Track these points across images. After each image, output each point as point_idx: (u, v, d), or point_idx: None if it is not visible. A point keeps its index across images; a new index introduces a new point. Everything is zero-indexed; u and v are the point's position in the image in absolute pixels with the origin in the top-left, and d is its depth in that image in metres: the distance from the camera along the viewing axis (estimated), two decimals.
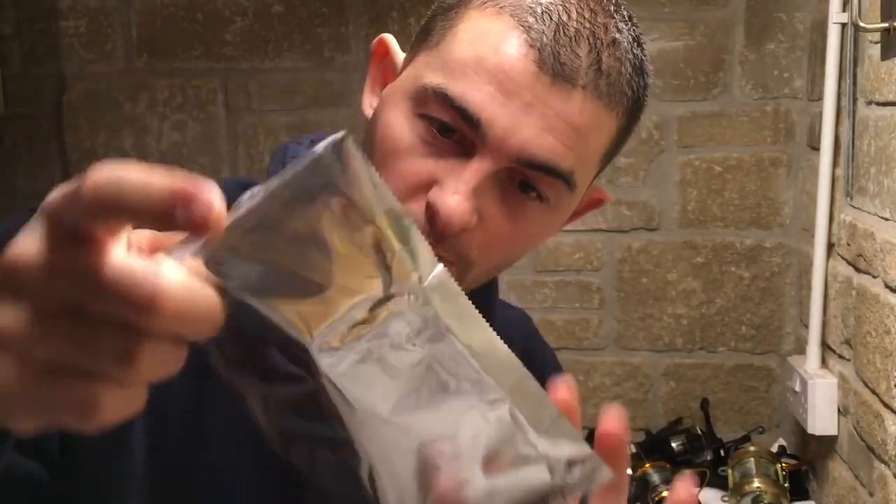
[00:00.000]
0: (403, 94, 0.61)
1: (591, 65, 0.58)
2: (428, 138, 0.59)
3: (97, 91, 2.31)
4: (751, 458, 1.85)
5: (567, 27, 0.58)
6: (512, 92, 0.57)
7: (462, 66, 0.58)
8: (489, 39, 0.58)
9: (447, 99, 0.58)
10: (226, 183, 0.68)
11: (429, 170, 0.59)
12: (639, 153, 2.18)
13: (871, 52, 1.56)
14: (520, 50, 0.57)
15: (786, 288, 2.18)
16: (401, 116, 0.60)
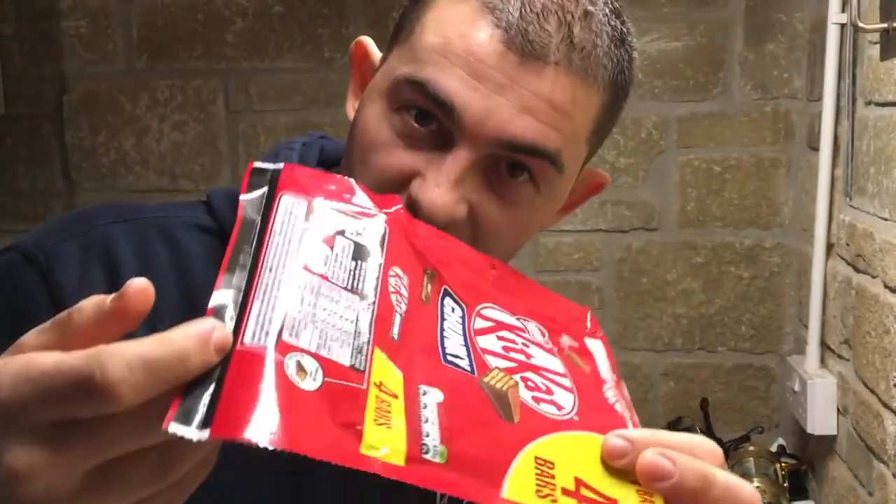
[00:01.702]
0: (379, 92, 0.60)
1: (562, 39, 0.56)
2: (406, 131, 0.58)
3: (98, 91, 2.32)
4: (750, 458, 1.86)
5: (533, 3, 0.56)
6: (482, 75, 0.56)
7: (430, 52, 0.57)
8: (455, 24, 0.57)
9: (418, 86, 0.57)
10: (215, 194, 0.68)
11: (409, 163, 0.58)
12: (638, 153, 2.18)
13: (870, 53, 1.57)
14: (486, 31, 0.56)
15: (785, 288, 2.18)
16: (378, 113, 0.60)
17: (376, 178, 0.58)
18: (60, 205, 2.36)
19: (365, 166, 0.59)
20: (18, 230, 2.36)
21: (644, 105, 2.17)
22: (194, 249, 0.64)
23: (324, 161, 0.70)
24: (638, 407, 2.23)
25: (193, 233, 0.65)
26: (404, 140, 0.59)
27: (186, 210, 0.67)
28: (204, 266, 0.63)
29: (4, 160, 2.37)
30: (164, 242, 0.63)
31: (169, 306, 0.60)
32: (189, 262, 0.63)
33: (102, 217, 0.64)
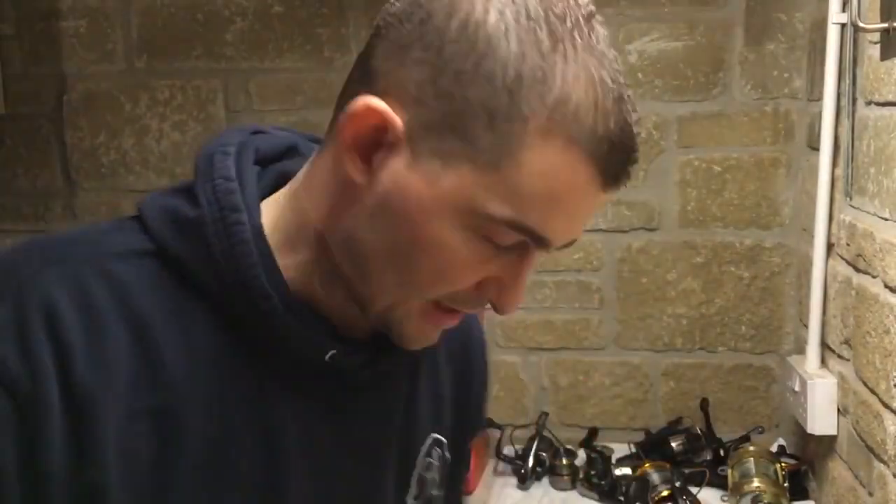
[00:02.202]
0: (451, 208, 0.58)
1: (631, 164, 0.62)
2: (488, 256, 0.62)
3: (97, 91, 2.32)
4: (750, 458, 1.86)
5: (622, 144, 0.60)
6: (577, 211, 0.61)
7: (535, 198, 0.58)
8: (563, 174, 0.58)
9: (520, 229, 0.59)
10: (148, 209, 0.65)
11: (487, 273, 0.63)
12: (638, 153, 2.18)
13: (870, 53, 1.56)
14: (589, 179, 0.59)
15: (785, 288, 2.18)
16: (454, 231, 0.59)
17: (448, 286, 0.62)
18: (60, 205, 2.36)
19: (440, 279, 0.62)
20: (18, 230, 2.36)
21: (644, 105, 2.17)
22: (132, 279, 0.61)
23: (260, 161, 0.69)
24: (638, 407, 2.24)
25: (131, 263, 0.62)
26: (482, 255, 0.62)
27: (117, 235, 0.65)
28: (148, 293, 0.61)
29: (4, 160, 2.37)
30: (100, 280, 0.60)
31: (119, 345, 0.59)
32: (130, 296, 0.61)
33: (27, 264, 0.60)
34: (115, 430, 0.58)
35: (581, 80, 0.57)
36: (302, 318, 0.64)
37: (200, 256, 0.62)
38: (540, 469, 2.05)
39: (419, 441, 0.78)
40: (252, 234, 0.62)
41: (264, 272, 0.62)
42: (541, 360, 2.28)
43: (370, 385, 0.71)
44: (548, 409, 2.25)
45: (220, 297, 0.63)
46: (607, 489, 1.94)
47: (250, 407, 0.64)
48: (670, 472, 1.89)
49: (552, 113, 0.56)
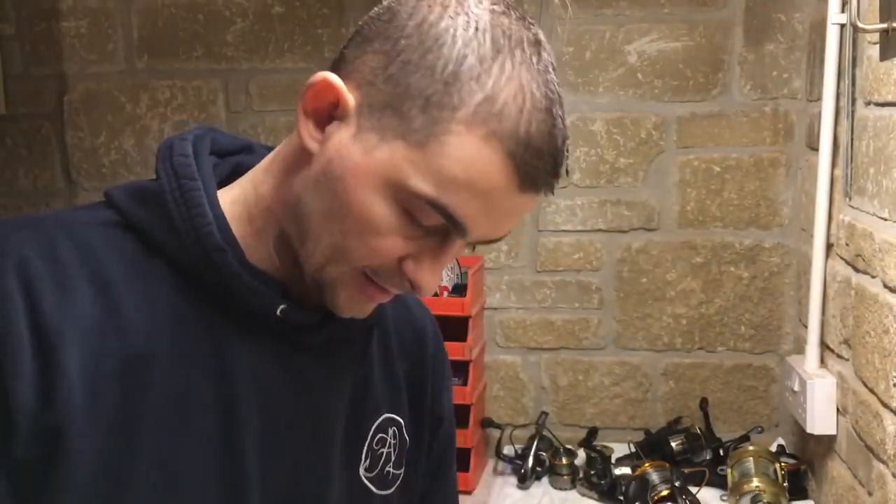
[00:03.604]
0: (381, 180, 0.65)
1: (552, 173, 0.66)
2: (409, 228, 0.66)
3: (98, 91, 2.32)
4: (750, 458, 1.86)
5: (542, 150, 0.64)
6: (494, 206, 0.65)
7: (453, 182, 0.63)
8: (480, 164, 0.63)
9: (439, 208, 0.64)
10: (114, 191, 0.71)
11: (405, 249, 0.67)
12: (638, 153, 2.19)
13: (869, 53, 1.57)
14: (505, 176, 0.63)
15: (785, 288, 2.18)
16: (379, 200, 0.65)
17: (374, 255, 0.67)
18: (61, 205, 2.36)
19: (362, 243, 0.66)
20: None
21: (644, 105, 2.17)
22: (101, 244, 0.67)
23: (216, 152, 0.76)
24: (637, 406, 2.25)
25: (98, 228, 0.68)
26: (404, 231, 0.66)
27: (86, 211, 0.71)
28: (112, 257, 0.67)
29: (5, 160, 2.37)
30: (70, 243, 0.66)
31: (85, 296, 0.64)
32: (98, 255, 0.66)
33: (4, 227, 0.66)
34: (81, 371, 0.62)
35: (512, 87, 0.63)
36: (254, 273, 0.70)
37: (160, 221, 0.69)
38: (540, 469, 2.05)
39: (371, 415, 0.81)
40: (206, 198, 0.69)
41: (218, 230, 0.68)
42: (541, 360, 2.29)
43: (323, 351, 0.76)
44: (548, 409, 2.25)
45: (179, 256, 0.69)
46: (607, 489, 1.94)
47: (209, 362, 0.69)
48: (670, 471, 1.90)
49: (479, 107, 0.62)
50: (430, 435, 0.89)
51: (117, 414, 0.63)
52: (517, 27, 0.65)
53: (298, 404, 0.74)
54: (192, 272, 0.69)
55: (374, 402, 0.82)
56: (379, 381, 0.82)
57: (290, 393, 0.73)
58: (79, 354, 0.62)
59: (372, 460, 0.81)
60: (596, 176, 2.21)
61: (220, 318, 0.70)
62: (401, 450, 0.84)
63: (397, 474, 0.84)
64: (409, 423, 0.86)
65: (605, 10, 2.15)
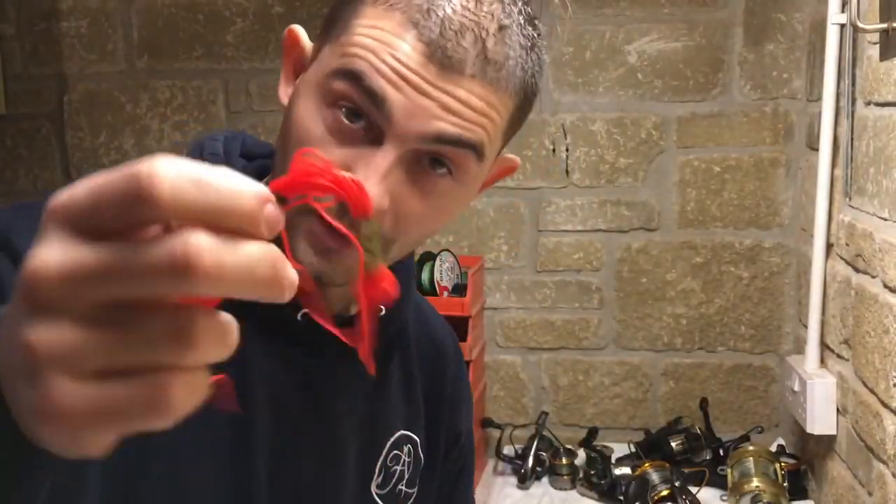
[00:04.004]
0: (311, 86, 0.65)
1: (477, 55, 0.62)
2: (337, 127, 0.63)
3: (98, 92, 2.32)
4: (750, 458, 1.86)
5: (451, 21, 0.61)
6: (407, 77, 0.61)
7: (360, 48, 0.62)
8: (383, 33, 0.62)
9: (351, 76, 0.62)
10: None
11: (339, 158, 0.62)
12: (638, 153, 2.19)
13: (869, 53, 1.57)
14: (410, 43, 0.61)
15: (785, 288, 2.18)
16: (310, 107, 0.64)
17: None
18: None
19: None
20: None
21: (644, 105, 2.17)
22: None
23: (245, 154, 0.76)
24: (637, 407, 2.24)
25: None
26: (335, 136, 0.63)
27: None
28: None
29: (4, 160, 2.37)
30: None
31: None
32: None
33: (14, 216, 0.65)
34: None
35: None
36: None
37: None
38: (540, 469, 2.05)
39: (387, 431, 0.80)
40: None
41: None
42: (541, 359, 2.29)
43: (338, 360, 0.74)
44: (548, 409, 2.25)
45: None
46: (607, 489, 1.94)
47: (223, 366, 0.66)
48: (670, 471, 1.90)
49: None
50: (446, 450, 0.88)
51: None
52: None
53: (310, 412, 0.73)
54: None
55: (390, 419, 0.80)
56: (397, 398, 0.81)
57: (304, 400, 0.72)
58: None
59: (385, 477, 0.79)
60: (596, 176, 2.21)
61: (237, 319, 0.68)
62: (415, 469, 0.83)
63: (409, 493, 0.83)
64: (425, 441, 0.84)
65: (605, 10, 2.15)
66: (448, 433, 0.88)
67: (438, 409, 0.86)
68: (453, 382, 0.88)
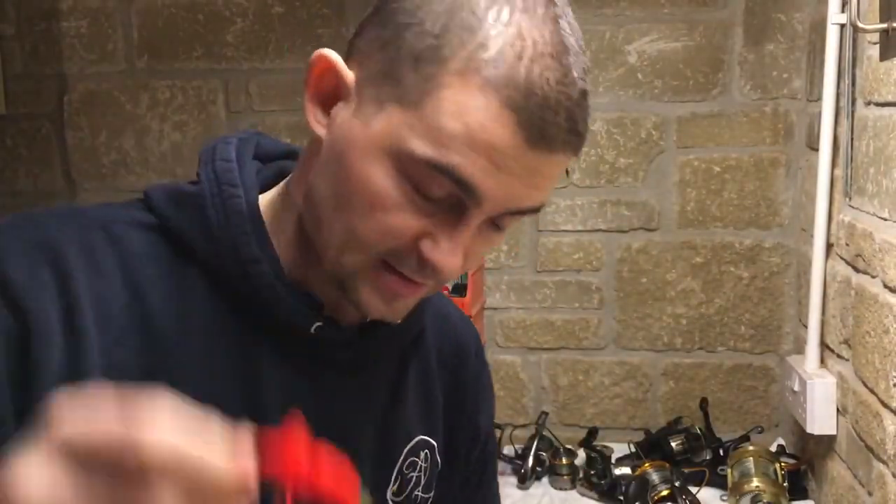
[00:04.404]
0: (382, 150, 0.61)
1: (569, 130, 0.61)
2: (417, 199, 0.61)
3: (98, 91, 2.32)
4: (750, 458, 1.86)
5: (549, 99, 0.59)
6: (502, 165, 0.59)
7: (452, 139, 0.58)
8: (477, 115, 0.58)
9: (442, 169, 0.59)
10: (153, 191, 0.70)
11: (420, 226, 0.62)
12: (638, 153, 2.19)
13: (869, 53, 1.57)
14: (508, 127, 0.58)
15: (785, 288, 2.18)
16: (382, 172, 0.61)
17: (385, 234, 0.62)
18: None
19: (371, 221, 0.62)
20: None
21: (644, 105, 2.17)
22: (137, 248, 0.66)
23: (259, 156, 0.74)
24: (637, 407, 2.24)
25: (135, 231, 0.67)
26: (413, 204, 0.61)
27: (125, 210, 0.70)
28: (147, 262, 0.66)
29: (4, 160, 2.37)
30: (107, 243, 0.65)
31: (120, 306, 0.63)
32: (134, 260, 0.65)
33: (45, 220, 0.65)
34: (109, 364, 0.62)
35: (509, 33, 0.59)
36: (289, 287, 0.67)
37: (197, 227, 0.67)
38: (540, 469, 2.05)
39: (404, 437, 0.79)
40: (247, 207, 0.67)
41: (255, 240, 0.66)
42: (541, 360, 2.29)
43: (354, 368, 0.73)
44: (548, 409, 2.25)
45: (215, 265, 0.67)
46: (607, 489, 1.94)
47: (237, 375, 0.67)
48: (670, 471, 1.90)
49: (471, 55, 0.58)
50: (468, 451, 0.87)
51: None
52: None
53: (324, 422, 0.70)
54: (227, 282, 0.67)
55: (407, 425, 0.79)
56: (414, 402, 0.80)
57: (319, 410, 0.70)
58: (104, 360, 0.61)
59: (401, 484, 0.78)
60: (596, 176, 2.21)
61: (251, 331, 0.67)
62: (431, 473, 0.82)
63: (426, 498, 0.81)
64: (443, 443, 0.83)
65: (605, 10, 2.15)
66: (468, 433, 0.87)
67: (459, 409, 0.85)
68: (474, 382, 0.87)
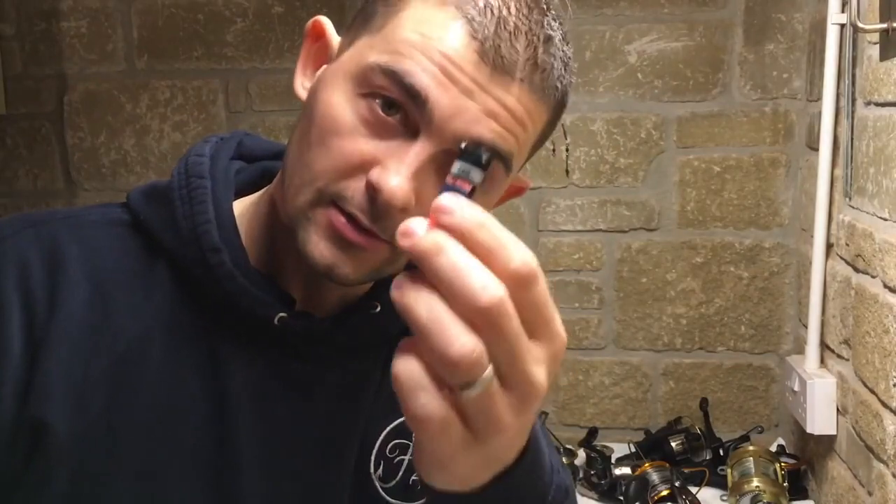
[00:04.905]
0: (345, 75, 0.62)
1: (528, 59, 0.60)
2: (370, 118, 0.60)
3: (98, 91, 2.32)
4: (750, 458, 1.86)
5: (507, 21, 0.60)
6: (455, 77, 0.59)
7: (407, 46, 0.59)
8: (434, 27, 0.59)
9: (394, 75, 0.59)
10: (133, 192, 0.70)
11: (370, 150, 0.60)
12: (638, 153, 2.19)
13: (869, 53, 1.57)
14: (463, 40, 0.59)
15: (785, 288, 2.18)
16: (342, 97, 0.61)
17: (336, 160, 0.61)
18: (61, 205, 2.36)
19: (324, 148, 0.61)
20: None
21: (644, 105, 2.17)
22: (103, 243, 0.67)
23: (242, 155, 0.74)
24: (637, 406, 2.24)
25: (104, 228, 0.68)
26: (367, 127, 0.61)
27: (98, 209, 0.71)
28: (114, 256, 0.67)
29: (4, 160, 2.37)
30: (72, 240, 0.66)
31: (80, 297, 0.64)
32: (98, 257, 0.66)
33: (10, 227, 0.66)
34: (66, 375, 0.61)
35: None
36: (252, 278, 0.66)
37: (165, 219, 0.67)
38: None
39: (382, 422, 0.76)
40: (212, 198, 0.67)
41: (218, 229, 0.66)
42: None
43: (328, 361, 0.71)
44: (548, 409, 2.25)
45: (179, 255, 0.67)
46: (607, 489, 1.94)
47: (201, 369, 0.66)
48: (670, 471, 1.90)
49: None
50: None
51: (101, 419, 0.62)
52: None
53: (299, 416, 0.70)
54: (191, 273, 0.66)
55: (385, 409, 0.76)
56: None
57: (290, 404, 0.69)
58: (67, 358, 0.62)
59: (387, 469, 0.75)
60: (596, 176, 2.21)
61: (216, 323, 0.67)
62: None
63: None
64: None
65: (605, 10, 2.15)
66: None
67: None
68: None
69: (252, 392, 0.67)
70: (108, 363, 0.63)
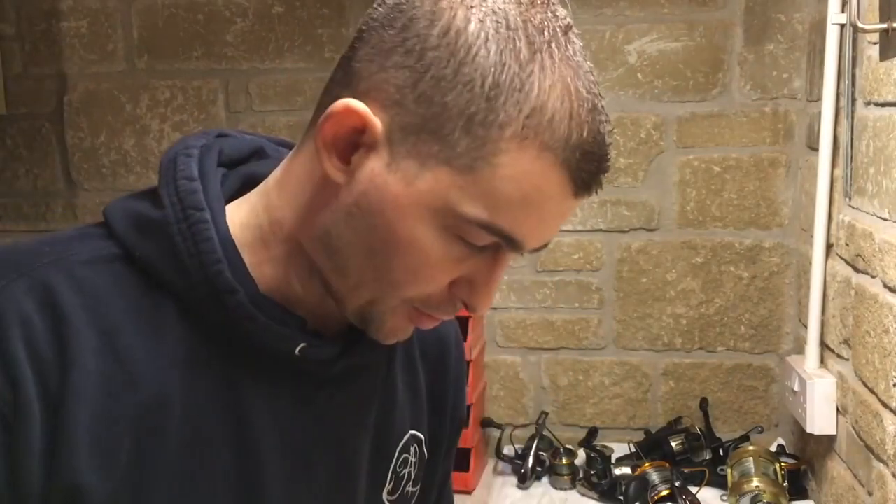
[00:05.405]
0: (427, 208, 0.60)
1: (603, 172, 0.63)
2: (462, 256, 0.63)
3: (98, 92, 2.32)
4: (750, 458, 1.86)
5: (595, 154, 0.61)
6: (548, 217, 0.62)
7: (508, 203, 0.60)
8: (534, 180, 0.59)
9: (497, 232, 0.61)
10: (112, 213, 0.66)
11: (456, 271, 0.64)
12: (638, 153, 2.19)
13: (869, 53, 1.57)
14: (561, 185, 0.61)
15: (785, 288, 2.18)
16: (427, 231, 0.61)
17: (427, 286, 0.64)
18: (61, 205, 2.37)
19: (409, 276, 0.63)
20: (18, 230, 2.37)
21: (643, 105, 2.17)
22: (101, 287, 0.63)
23: (224, 163, 0.71)
24: (637, 406, 2.25)
25: (98, 267, 0.64)
26: (454, 255, 0.63)
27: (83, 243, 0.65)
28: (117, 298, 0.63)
29: (4, 160, 2.37)
30: (68, 288, 0.61)
31: (90, 351, 0.60)
32: (100, 303, 0.62)
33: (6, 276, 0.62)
34: (90, 432, 0.59)
35: (557, 90, 0.59)
36: (269, 312, 0.65)
37: (166, 257, 0.63)
38: (540, 469, 2.05)
39: (397, 436, 0.78)
40: (216, 232, 0.64)
41: (229, 268, 0.63)
42: (541, 359, 2.29)
43: (344, 379, 0.72)
44: (548, 409, 2.25)
45: (188, 296, 0.64)
46: (607, 489, 1.94)
47: (223, 406, 0.65)
48: (670, 471, 1.90)
49: (528, 120, 0.58)
50: (450, 441, 0.87)
51: (130, 466, 0.61)
52: (547, 16, 0.62)
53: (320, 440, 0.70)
54: (203, 312, 0.64)
55: (400, 419, 0.78)
56: (403, 396, 0.79)
57: (311, 429, 0.70)
58: (88, 414, 0.59)
59: (395, 483, 0.78)
60: None
61: (233, 358, 0.66)
62: (419, 466, 0.81)
63: (414, 492, 0.81)
64: (429, 434, 0.82)
65: (605, 10, 2.15)
66: (452, 421, 0.86)
67: (442, 396, 0.85)
68: (455, 371, 0.87)
69: (274, 421, 0.67)
70: (130, 412, 0.61)
